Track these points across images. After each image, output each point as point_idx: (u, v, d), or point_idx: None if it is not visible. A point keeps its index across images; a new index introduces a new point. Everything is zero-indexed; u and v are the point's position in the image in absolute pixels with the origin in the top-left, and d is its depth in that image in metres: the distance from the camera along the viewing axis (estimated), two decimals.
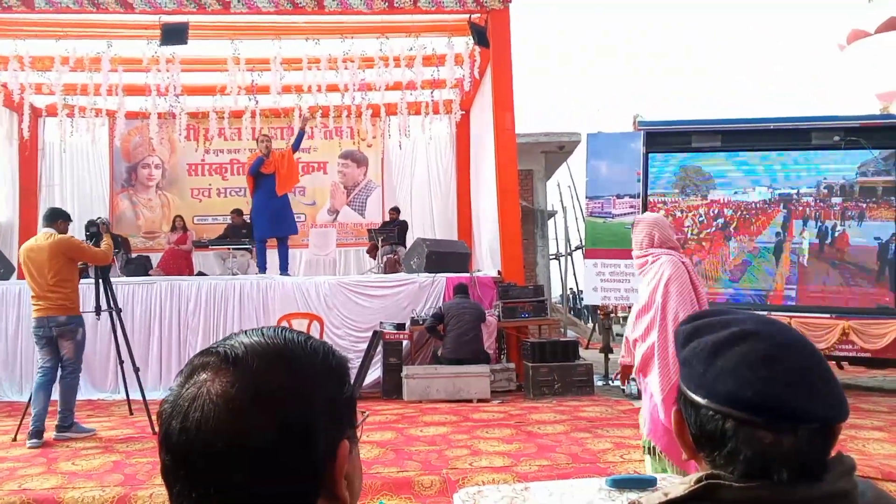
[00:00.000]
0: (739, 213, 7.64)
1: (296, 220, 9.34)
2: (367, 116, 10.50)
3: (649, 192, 7.85)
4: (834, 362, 7.31)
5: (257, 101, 10.36)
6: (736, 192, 7.69)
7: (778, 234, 7.53)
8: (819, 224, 7.43)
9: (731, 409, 0.90)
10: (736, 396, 0.90)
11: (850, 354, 7.22)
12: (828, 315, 7.21)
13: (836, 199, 7.36)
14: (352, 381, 0.80)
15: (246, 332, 0.77)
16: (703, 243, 7.71)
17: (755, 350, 0.92)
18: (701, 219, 7.76)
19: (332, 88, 10.10)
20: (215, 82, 10.27)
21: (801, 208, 7.47)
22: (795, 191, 7.51)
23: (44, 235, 5.56)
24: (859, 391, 7.25)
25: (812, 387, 0.89)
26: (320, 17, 9.01)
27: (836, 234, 7.37)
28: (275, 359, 0.73)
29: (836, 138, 7.43)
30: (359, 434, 0.81)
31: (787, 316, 7.00)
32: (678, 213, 7.81)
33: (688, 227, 7.78)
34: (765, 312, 6.33)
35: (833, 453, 0.92)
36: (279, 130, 11.58)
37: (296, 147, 9.14)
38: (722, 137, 7.86)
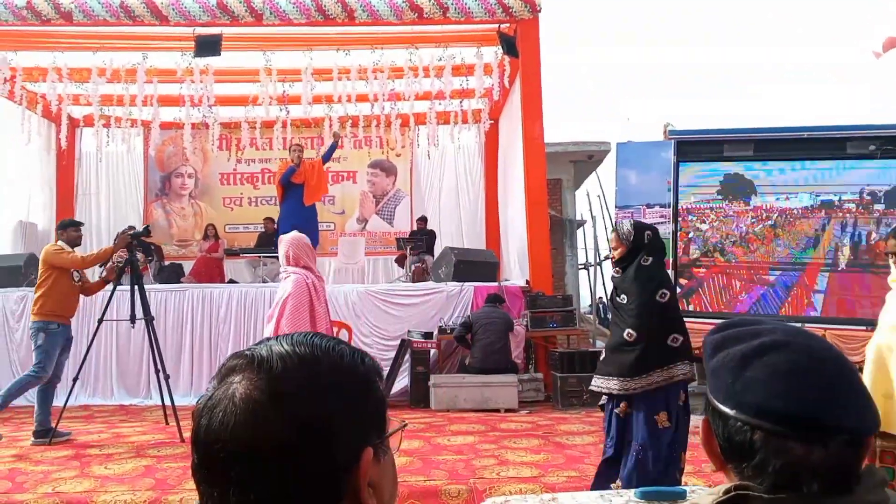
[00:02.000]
0: (784, 217, 7.50)
1: (323, 229, 9.40)
2: (397, 126, 10.57)
3: (685, 201, 7.74)
4: None
5: (288, 112, 10.49)
6: (778, 199, 7.58)
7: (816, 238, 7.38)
8: (854, 230, 7.28)
9: (761, 421, 0.89)
10: (765, 408, 0.89)
11: None
12: (863, 327, 7.06)
13: (878, 206, 7.20)
14: (381, 389, 0.80)
15: (277, 338, 0.78)
16: (752, 245, 7.55)
17: (785, 361, 0.91)
18: (751, 221, 7.62)
19: (362, 98, 10.18)
20: (247, 93, 10.42)
21: (841, 214, 7.31)
22: (838, 197, 7.36)
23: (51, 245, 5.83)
24: None
25: (843, 398, 0.88)
26: (350, 28, 9.10)
27: (872, 241, 7.21)
28: (297, 362, 0.74)
29: (872, 147, 7.28)
30: (396, 443, 0.81)
31: (822, 328, 6.86)
32: (724, 218, 7.68)
33: (738, 231, 7.64)
34: (798, 324, 6.23)
35: (864, 466, 0.90)
36: (310, 140, 11.70)
37: (326, 159, 9.23)
38: (755, 146, 7.75)
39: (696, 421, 5.78)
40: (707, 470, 4.13)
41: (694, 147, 7.96)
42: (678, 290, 7.50)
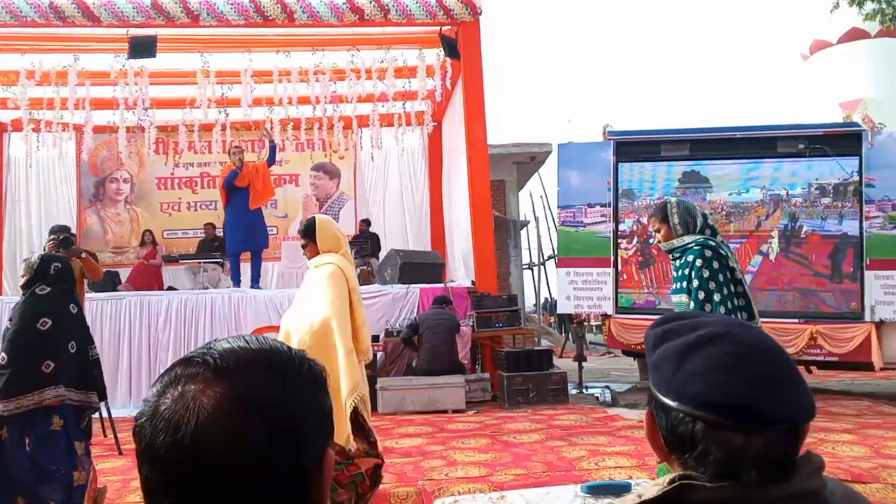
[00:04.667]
0: (738, 210, 7.73)
1: (268, 233, 9.27)
2: (339, 128, 10.48)
3: (653, 196, 7.92)
4: (803, 367, 7.42)
5: (227, 114, 10.29)
6: (731, 194, 7.79)
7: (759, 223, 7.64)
8: (794, 223, 7.53)
9: (701, 412, 0.91)
10: (705, 399, 0.91)
11: (819, 359, 7.35)
12: (796, 320, 7.33)
13: (826, 200, 7.46)
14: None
15: (227, 339, 0.76)
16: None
17: (724, 352, 0.93)
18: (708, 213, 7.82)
19: (304, 101, 10.07)
20: (185, 95, 10.18)
21: (788, 207, 7.56)
22: (786, 191, 7.61)
23: None
24: (828, 395, 7.36)
25: (780, 388, 0.91)
26: (290, 30, 9.00)
27: (802, 235, 7.48)
28: (265, 368, 0.72)
29: (801, 146, 7.57)
30: (334, 443, 0.81)
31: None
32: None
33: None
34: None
35: (802, 453, 0.93)
36: (250, 143, 11.50)
37: (271, 161, 9.08)
38: (690, 146, 7.98)
39: (640, 414, 5.91)
40: (651, 463, 4.22)
41: (632, 147, 8.15)
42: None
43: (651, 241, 7.73)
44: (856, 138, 7.40)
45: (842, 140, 7.48)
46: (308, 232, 3.67)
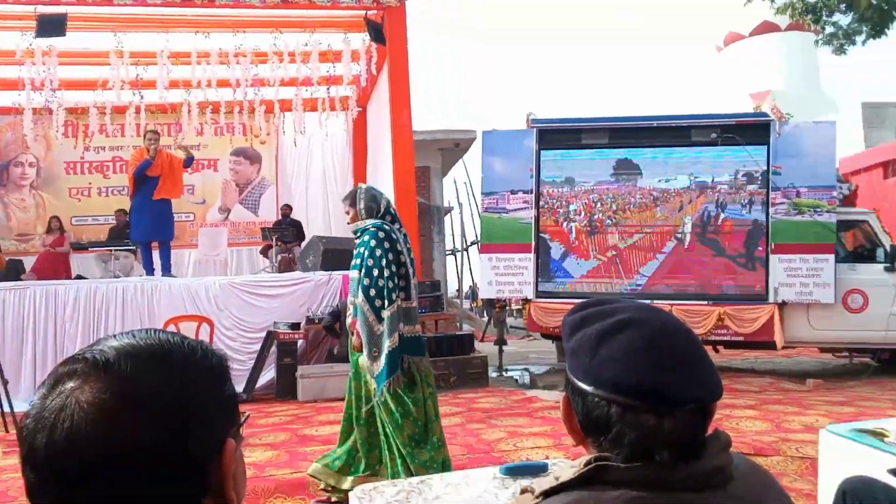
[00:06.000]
0: (664, 195, 7.95)
1: (182, 220, 8.94)
2: (261, 112, 10.22)
3: (591, 183, 8.12)
4: (710, 346, 7.77)
5: (142, 96, 9.87)
6: (660, 181, 8.01)
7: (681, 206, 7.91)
8: (707, 209, 7.83)
9: (617, 396, 0.93)
10: (620, 383, 0.93)
11: (726, 338, 7.70)
12: (705, 302, 7.65)
13: (752, 187, 7.76)
14: (232, 381, 0.79)
15: (115, 335, 0.74)
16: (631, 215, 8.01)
17: (637, 337, 0.96)
18: (639, 201, 8.02)
19: (224, 84, 9.77)
20: (97, 76, 9.70)
21: (713, 194, 7.83)
22: (711, 178, 7.87)
23: None
24: (733, 373, 7.73)
25: (689, 370, 0.94)
26: (210, 10, 8.71)
27: (720, 220, 7.79)
28: (148, 360, 0.70)
29: (714, 135, 7.87)
30: (242, 433, 0.79)
31: (668, 304, 7.37)
32: (609, 199, 8.08)
33: (622, 211, 8.05)
34: (647, 300, 6.64)
35: (710, 431, 0.97)
36: (167, 126, 11.08)
37: (186, 165, 8.73)
38: (609, 134, 8.17)
39: (557, 396, 6.03)
40: (567, 443, 4.33)
41: (554, 135, 8.28)
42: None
43: (596, 215, 8.00)
44: (765, 128, 7.74)
45: (752, 130, 7.81)
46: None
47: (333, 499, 3.60)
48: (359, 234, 3.66)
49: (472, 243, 16.38)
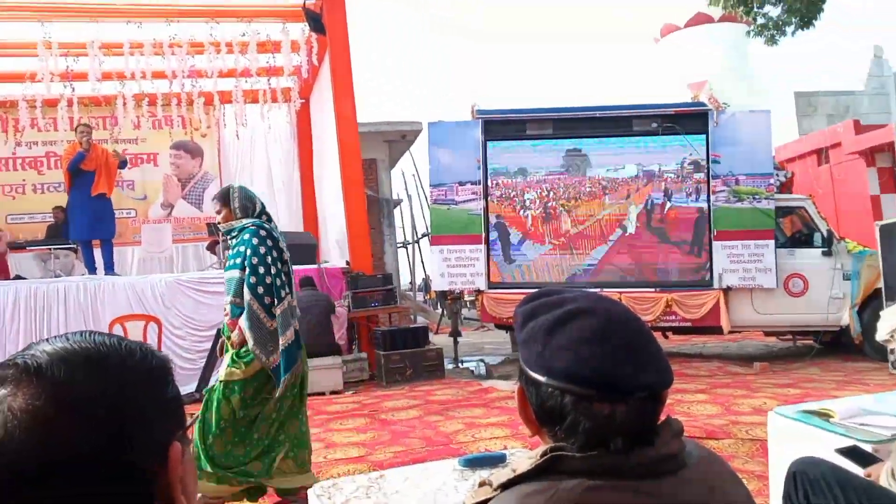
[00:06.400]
0: (612, 184, 8.05)
1: (123, 216, 8.67)
2: (200, 105, 9.96)
3: (542, 172, 8.20)
4: (660, 332, 7.93)
5: (74, 89, 9.50)
6: (608, 170, 8.10)
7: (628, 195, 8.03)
8: (649, 198, 7.97)
9: (570, 385, 0.94)
10: (573, 372, 0.94)
11: (674, 324, 7.88)
12: (653, 289, 7.81)
13: (698, 175, 7.90)
14: (175, 383, 0.76)
15: (49, 339, 0.71)
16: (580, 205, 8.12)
17: (588, 327, 0.97)
18: (588, 190, 8.10)
19: (159, 75, 9.47)
20: (24, 69, 9.31)
21: (660, 183, 7.96)
22: (658, 167, 8.00)
23: None
24: (683, 358, 7.91)
25: (639, 358, 0.95)
26: None
27: (666, 209, 7.94)
28: (83, 364, 0.67)
29: (654, 125, 8.02)
30: (189, 436, 0.77)
31: (617, 291, 7.50)
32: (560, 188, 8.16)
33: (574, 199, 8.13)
34: (596, 289, 6.77)
35: (662, 418, 0.98)
36: (101, 120, 10.73)
37: (121, 167, 8.46)
38: (553, 125, 8.25)
39: (513, 385, 6.08)
40: (525, 432, 4.37)
41: (500, 126, 8.31)
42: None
43: (549, 204, 8.10)
44: (703, 117, 7.92)
45: (691, 119, 7.98)
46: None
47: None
48: (235, 233, 3.66)
49: (423, 235, 16.36)
